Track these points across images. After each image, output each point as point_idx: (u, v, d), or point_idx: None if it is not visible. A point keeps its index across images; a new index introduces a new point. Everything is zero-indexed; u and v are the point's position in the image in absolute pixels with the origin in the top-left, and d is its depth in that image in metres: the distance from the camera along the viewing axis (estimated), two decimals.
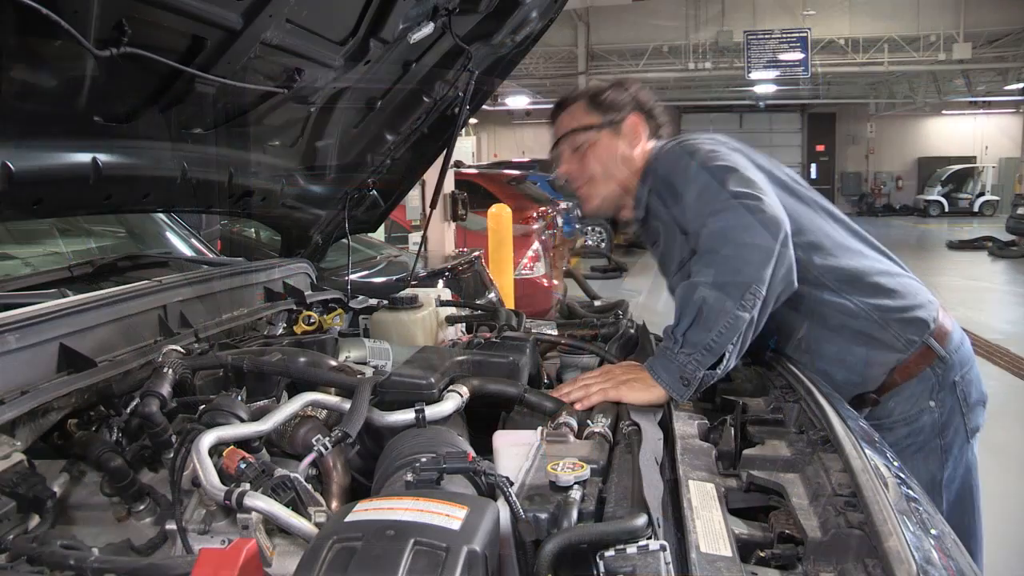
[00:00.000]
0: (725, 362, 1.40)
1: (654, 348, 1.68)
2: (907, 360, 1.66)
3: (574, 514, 0.88)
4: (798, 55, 15.84)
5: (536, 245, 6.85)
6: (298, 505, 0.96)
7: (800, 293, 1.57)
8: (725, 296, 1.38)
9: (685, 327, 1.40)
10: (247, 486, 0.93)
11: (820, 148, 26.60)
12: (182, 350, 1.40)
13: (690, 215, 1.56)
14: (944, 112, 25.07)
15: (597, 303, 2.38)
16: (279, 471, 0.99)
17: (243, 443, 1.06)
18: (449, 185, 6.46)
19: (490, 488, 0.96)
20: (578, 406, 1.36)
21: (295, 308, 1.99)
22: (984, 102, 23.66)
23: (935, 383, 1.66)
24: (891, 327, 1.65)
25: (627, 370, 1.46)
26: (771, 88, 21.13)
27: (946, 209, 23.28)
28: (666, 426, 1.30)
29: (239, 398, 1.19)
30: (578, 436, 1.20)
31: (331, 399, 1.22)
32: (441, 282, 3.89)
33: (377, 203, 2.47)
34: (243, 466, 0.98)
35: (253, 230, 5.02)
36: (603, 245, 14.08)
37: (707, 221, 1.48)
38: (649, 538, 0.84)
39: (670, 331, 1.44)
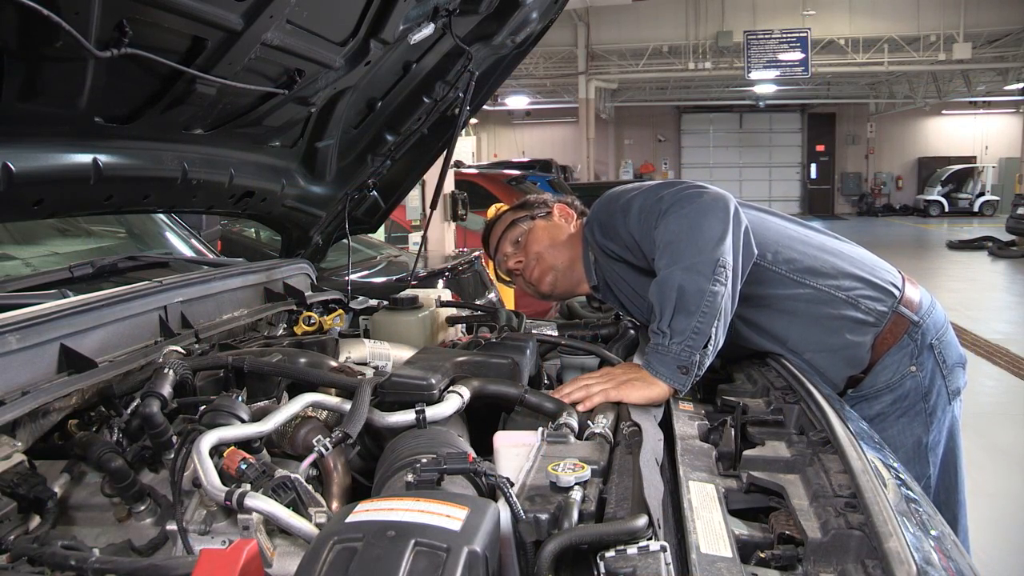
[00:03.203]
0: (714, 340, 1.43)
1: None
2: (883, 331, 1.71)
3: (575, 515, 0.88)
4: (798, 55, 15.86)
5: None
6: (299, 506, 0.96)
7: (769, 295, 1.69)
8: (697, 276, 1.42)
9: (669, 317, 1.43)
10: (248, 487, 0.93)
11: (820, 148, 26.62)
12: (183, 351, 1.40)
13: (639, 235, 1.63)
14: (944, 112, 25.11)
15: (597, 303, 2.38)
16: (280, 472, 0.99)
17: (244, 444, 1.06)
18: (449, 185, 6.47)
19: (490, 489, 0.96)
20: (579, 407, 1.36)
21: (295, 309, 1.99)
22: (984, 102, 23.71)
23: (913, 348, 1.72)
24: (861, 303, 1.71)
25: (627, 370, 1.46)
26: (771, 88, 21.16)
27: (946, 209, 23.31)
28: (666, 427, 1.31)
29: (240, 399, 1.19)
30: (579, 437, 1.20)
31: (332, 400, 1.22)
32: (441, 282, 3.89)
33: (377, 203, 2.47)
34: (244, 467, 0.98)
35: (253, 230, 5.03)
36: None
37: (657, 225, 1.54)
38: (649, 539, 0.84)
39: (655, 327, 1.46)
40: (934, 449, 1.74)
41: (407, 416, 1.18)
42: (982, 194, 23.31)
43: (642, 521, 0.85)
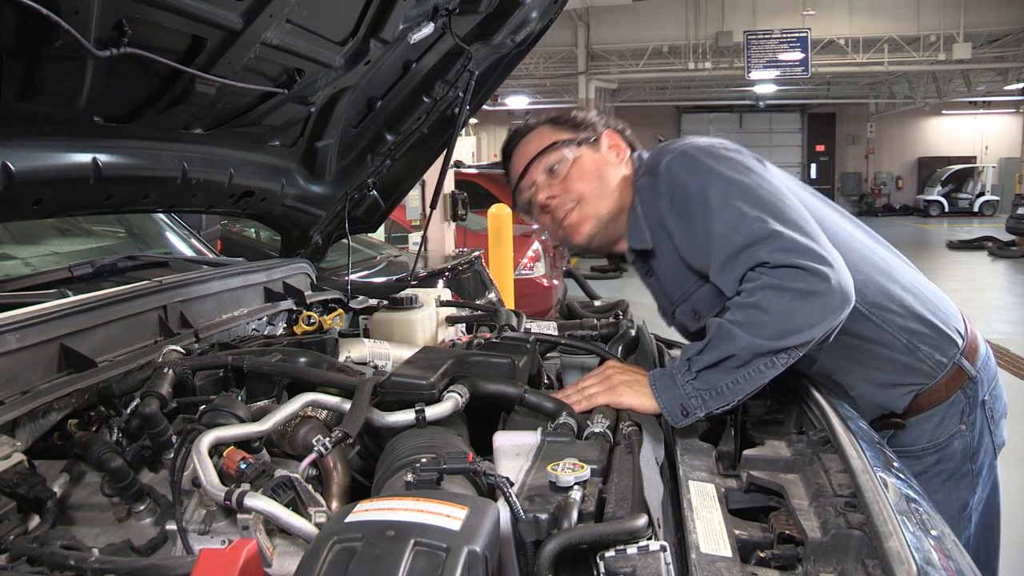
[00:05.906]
0: (729, 407, 1.28)
1: (654, 349, 1.67)
2: (937, 384, 1.53)
3: (574, 514, 0.87)
4: (798, 55, 15.86)
5: (536, 245, 6.85)
6: (298, 505, 0.96)
7: None
8: (760, 355, 1.24)
9: (705, 363, 1.27)
10: (247, 486, 0.93)
11: (820, 148, 26.66)
12: (182, 350, 1.40)
13: (716, 247, 1.33)
14: (944, 112, 25.13)
15: (597, 303, 2.38)
16: (279, 471, 0.99)
17: (243, 443, 1.06)
18: (449, 185, 6.47)
19: (490, 488, 0.96)
20: (577, 408, 1.35)
21: (295, 308, 1.99)
22: (984, 102, 23.73)
23: (965, 405, 1.55)
24: (920, 351, 1.51)
25: (626, 371, 1.44)
26: (771, 88, 21.16)
27: (946, 209, 23.36)
28: (666, 427, 1.30)
29: (239, 398, 1.19)
30: (578, 437, 1.20)
31: (331, 399, 1.21)
32: (441, 282, 3.89)
33: (377, 203, 2.47)
34: (243, 466, 0.98)
35: (253, 230, 5.03)
36: None
37: (750, 276, 1.28)
38: (649, 538, 0.84)
39: (687, 356, 1.30)
40: (977, 508, 1.59)
41: (407, 415, 1.18)
42: (982, 194, 23.35)
43: (642, 521, 0.85)
